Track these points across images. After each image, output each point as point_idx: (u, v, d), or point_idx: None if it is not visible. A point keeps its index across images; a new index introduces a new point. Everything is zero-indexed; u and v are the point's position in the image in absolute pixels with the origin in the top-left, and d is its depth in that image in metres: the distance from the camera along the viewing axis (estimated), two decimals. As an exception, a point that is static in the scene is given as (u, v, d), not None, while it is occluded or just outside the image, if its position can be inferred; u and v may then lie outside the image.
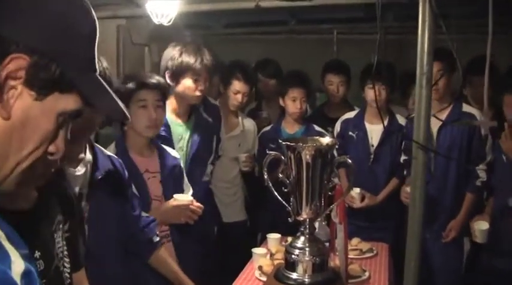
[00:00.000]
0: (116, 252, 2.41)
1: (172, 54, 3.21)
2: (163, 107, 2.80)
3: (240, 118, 4.17)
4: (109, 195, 2.30)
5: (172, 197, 2.78)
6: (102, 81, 1.03)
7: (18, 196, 1.60)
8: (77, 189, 2.12)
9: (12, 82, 0.89)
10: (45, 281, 1.62)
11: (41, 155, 0.98)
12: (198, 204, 2.84)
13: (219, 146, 3.73)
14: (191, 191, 2.98)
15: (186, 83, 3.21)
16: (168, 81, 3.18)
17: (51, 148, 0.99)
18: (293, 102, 3.94)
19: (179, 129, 3.34)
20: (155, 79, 2.76)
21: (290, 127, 4.05)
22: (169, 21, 3.10)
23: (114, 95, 1.06)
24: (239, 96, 3.97)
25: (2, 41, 0.88)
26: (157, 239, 2.54)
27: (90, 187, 2.18)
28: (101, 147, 2.36)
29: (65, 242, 1.76)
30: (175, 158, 2.92)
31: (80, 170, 2.14)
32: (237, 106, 4.04)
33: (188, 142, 3.36)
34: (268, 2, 3.68)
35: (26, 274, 0.85)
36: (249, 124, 4.21)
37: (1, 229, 0.89)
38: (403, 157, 3.75)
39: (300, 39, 6.19)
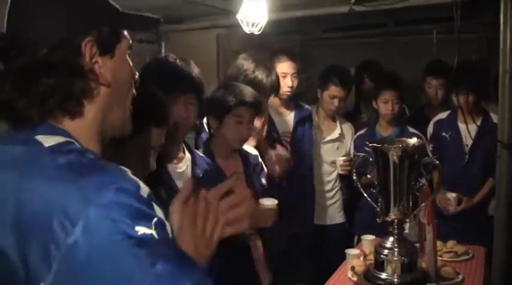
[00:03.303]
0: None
1: (246, 69, 3.22)
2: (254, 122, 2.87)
3: (337, 121, 4.21)
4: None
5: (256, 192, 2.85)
6: (128, 12, 1.28)
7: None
8: (180, 185, 2.29)
9: (94, 60, 1.16)
10: None
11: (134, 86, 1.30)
12: None
13: None
14: None
15: None
16: None
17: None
18: (385, 104, 3.94)
19: None
20: (253, 96, 2.81)
21: (384, 130, 4.04)
22: (259, 30, 3.20)
23: (139, 14, 1.35)
24: (336, 101, 4.02)
25: (69, 40, 1.13)
26: None
27: (193, 184, 2.34)
28: (196, 150, 2.52)
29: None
30: (256, 156, 2.99)
31: (182, 167, 2.33)
32: (333, 110, 4.09)
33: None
34: (362, 7, 3.70)
35: (150, 194, 1.07)
36: (347, 127, 4.25)
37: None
38: None
39: (398, 40, 6.11)
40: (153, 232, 1.00)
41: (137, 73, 1.31)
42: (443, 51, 5.40)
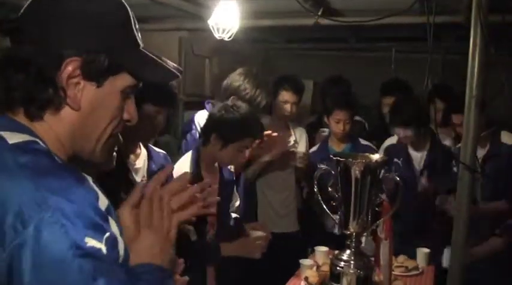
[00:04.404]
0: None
1: (246, 88, 3.27)
2: None
3: (291, 128, 4.25)
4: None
5: (224, 207, 2.86)
6: (147, 53, 1.21)
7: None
8: (138, 179, 2.31)
9: (74, 80, 1.12)
10: None
11: (117, 126, 1.22)
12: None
13: None
14: (238, 201, 3.07)
15: None
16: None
17: (126, 116, 1.24)
18: (337, 124, 3.99)
19: None
20: (259, 126, 2.86)
21: (337, 145, 4.11)
22: (230, 37, 3.21)
23: (161, 61, 1.23)
24: (288, 106, 4.05)
25: (55, 51, 1.10)
26: None
27: (149, 179, 2.34)
28: (151, 146, 2.52)
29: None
30: (231, 172, 3.02)
31: (139, 163, 2.36)
32: (286, 116, 4.12)
33: None
34: (327, 20, 3.74)
35: (108, 208, 1.06)
36: (300, 132, 4.28)
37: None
38: None
39: (359, 56, 6.22)
40: (102, 246, 0.98)
41: (134, 116, 1.25)
42: (402, 70, 5.56)
